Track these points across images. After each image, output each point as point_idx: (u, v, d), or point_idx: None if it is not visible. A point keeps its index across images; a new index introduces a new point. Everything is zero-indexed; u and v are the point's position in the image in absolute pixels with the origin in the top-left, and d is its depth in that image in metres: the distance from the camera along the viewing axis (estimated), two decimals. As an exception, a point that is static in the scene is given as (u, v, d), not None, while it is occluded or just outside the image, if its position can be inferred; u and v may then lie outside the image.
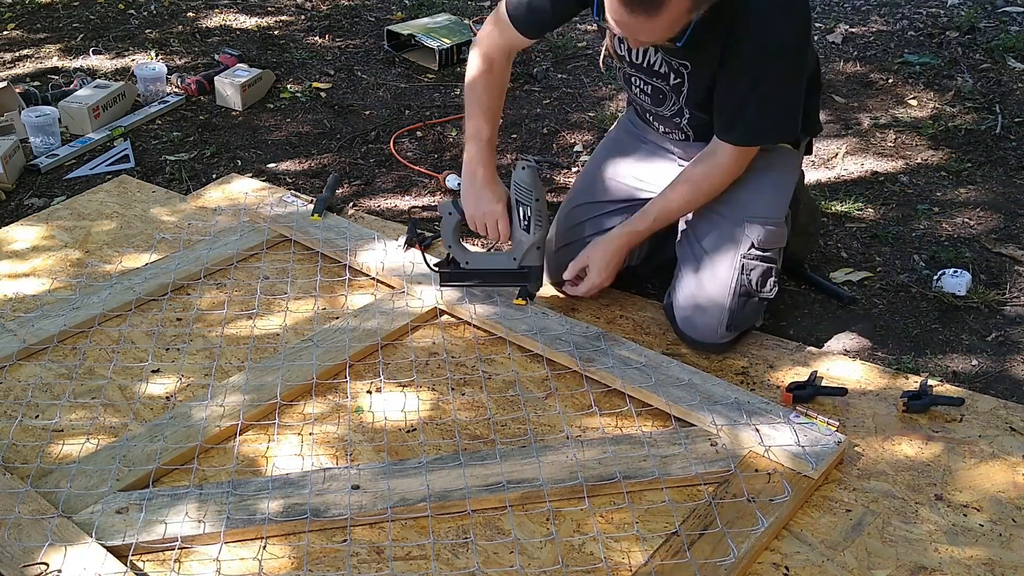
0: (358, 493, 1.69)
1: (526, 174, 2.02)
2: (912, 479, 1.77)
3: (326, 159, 3.05)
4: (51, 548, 1.56)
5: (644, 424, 1.89)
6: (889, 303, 2.31)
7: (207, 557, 1.60)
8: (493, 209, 2.09)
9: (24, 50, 3.95)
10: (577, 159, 3.02)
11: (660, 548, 1.60)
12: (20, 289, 2.35)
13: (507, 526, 1.66)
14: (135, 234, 2.58)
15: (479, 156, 2.10)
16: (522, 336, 2.09)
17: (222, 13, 4.31)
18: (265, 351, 2.11)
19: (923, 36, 3.83)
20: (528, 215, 2.04)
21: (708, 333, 2.05)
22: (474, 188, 2.10)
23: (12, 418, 1.92)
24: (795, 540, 1.64)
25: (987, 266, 2.43)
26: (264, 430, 1.88)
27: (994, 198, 2.75)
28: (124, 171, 2.97)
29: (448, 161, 3.03)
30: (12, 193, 2.87)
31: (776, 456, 1.75)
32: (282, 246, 2.51)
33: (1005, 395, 1.99)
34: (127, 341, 2.15)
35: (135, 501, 1.67)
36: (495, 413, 1.94)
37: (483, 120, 2.10)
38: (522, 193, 2.04)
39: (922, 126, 3.15)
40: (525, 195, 2.04)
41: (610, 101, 3.40)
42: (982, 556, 1.61)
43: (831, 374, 2.04)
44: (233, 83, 3.35)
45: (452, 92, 3.50)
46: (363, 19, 4.22)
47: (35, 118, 3.06)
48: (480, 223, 2.12)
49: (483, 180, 2.09)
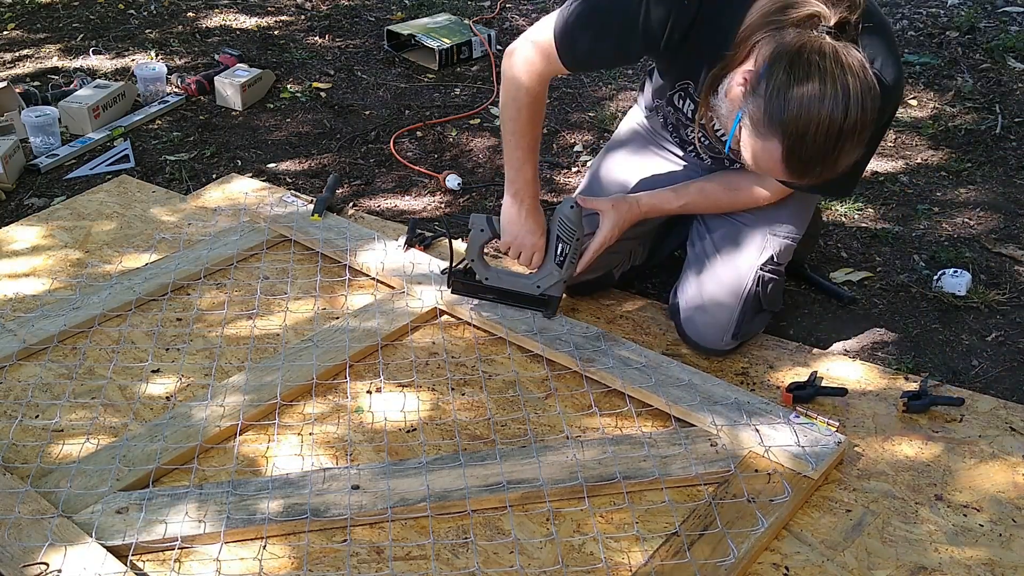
0: (358, 493, 1.69)
1: (573, 213, 2.03)
2: (912, 479, 1.77)
3: (326, 159, 3.05)
4: (51, 548, 1.56)
5: (644, 424, 1.89)
6: (889, 303, 2.31)
7: (207, 557, 1.60)
8: (534, 242, 2.07)
9: (24, 50, 3.95)
10: (577, 159, 3.02)
11: (660, 548, 1.60)
12: (20, 289, 2.35)
13: (507, 526, 1.67)
14: (135, 234, 2.58)
15: (527, 187, 2.04)
16: (522, 336, 2.09)
17: (222, 13, 4.31)
18: (265, 351, 2.11)
19: (923, 36, 3.83)
20: (565, 252, 2.06)
21: (713, 339, 2.05)
22: (519, 218, 2.06)
23: (12, 418, 1.92)
24: (795, 540, 1.64)
25: (987, 266, 2.43)
26: (264, 430, 1.88)
27: (994, 198, 2.75)
28: (124, 171, 2.97)
29: (448, 161, 3.03)
30: (12, 193, 2.87)
31: (776, 456, 1.76)
32: (282, 246, 2.51)
33: (1005, 395, 1.99)
34: (127, 341, 2.15)
35: (135, 501, 1.67)
36: (495, 413, 1.94)
37: (528, 150, 2.02)
38: (565, 230, 2.05)
39: (922, 126, 3.15)
40: (568, 233, 2.05)
41: (610, 101, 3.40)
42: (982, 556, 1.61)
43: (831, 374, 2.04)
44: (233, 83, 3.35)
45: (452, 92, 3.50)
46: (363, 19, 4.22)
47: (35, 118, 3.06)
48: (516, 250, 2.10)
49: (529, 211, 2.05)
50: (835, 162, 1.56)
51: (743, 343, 2.11)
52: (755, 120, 1.57)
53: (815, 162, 1.55)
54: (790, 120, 1.51)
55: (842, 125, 1.49)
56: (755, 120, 1.57)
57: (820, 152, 1.53)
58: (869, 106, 1.51)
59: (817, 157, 1.54)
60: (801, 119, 1.50)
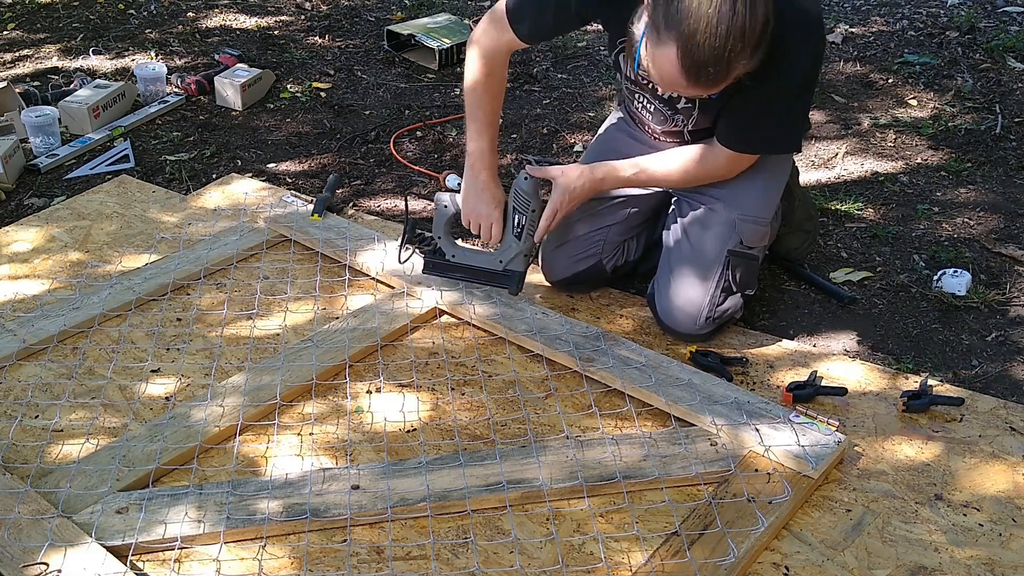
0: (358, 493, 1.69)
1: (528, 184, 2.03)
2: (912, 479, 1.77)
3: (326, 159, 3.05)
4: (51, 548, 1.56)
5: (644, 424, 1.89)
6: (889, 303, 2.31)
7: (207, 557, 1.60)
8: (490, 213, 2.10)
9: (24, 50, 3.95)
10: (577, 159, 3.02)
11: (660, 548, 1.59)
12: (20, 289, 2.35)
13: (507, 526, 1.66)
14: (135, 234, 2.58)
15: (482, 158, 2.11)
16: (522, 336, 2.09)
17: (222, 13, 4.31)
18: (265, 351, 2.11)
19: (923, 36, 3.83)
20: (522, 224, 2.06)
21: (687, 324, 2.08)
22: (475, 189, 2.11)
23: (12, 418, 1.92)
24: (795, 540, 1.64)
25: (987, 266, 2.43)
26: (264, 430, 1.88)
27: (994, 198, 2.75)
28: (124, 171, 2.97)
29: (448, 161, 3.03)
30: (12, 193, 2.87)
31: (776, 456, 1.75)
32: (282, 246, 2.51)
33: (1005, 395, 1.99)
34: (127, 341, 2.15)
35: (135, 501, 1.67)
36: (495, 413, 1.94)
37: (485, 122, 2.12)
38: (520, 201, 2.05)
39: (922, 126, 3.15)
40: (523, 204, 2.05)
41: (610, 101, 3.40)
42: (982, 556, 1.61)
43: (831, 374, 2.04)
44: (233, 83, 3.35)
45: (452, 92, 3.50)
46: (363, 19, 4.22)
47: (35, 118, 3.06)
48: (475, 223, 2.13)
49: (484, 182, 2.10)
50: (728, 64, 1.61)
51: (720, 328, 2.13)
52: (652, 31, 1.65)
53: (708, 63, 1.60)
54: (682, 21, 1.57)
55: (731, 23, 1.55)
56: (652, 31, 1.65)
57: (712, 53, 1.58)
58: (760, 5, 1.57)
59: (710, 58, 1.59)
60: (691, 19, 1.56)
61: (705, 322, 2.07)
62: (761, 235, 2.09)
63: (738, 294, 2.09)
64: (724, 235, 2.05)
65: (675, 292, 2.08)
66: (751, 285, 2.13)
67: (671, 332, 2.13)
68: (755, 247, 2.09)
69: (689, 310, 2.07)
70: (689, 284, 2.06)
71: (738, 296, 2.10)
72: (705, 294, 2.05)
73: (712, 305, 2.06)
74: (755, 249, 2.09)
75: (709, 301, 2.05)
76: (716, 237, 2.06)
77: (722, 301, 2.07)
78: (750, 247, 2.07)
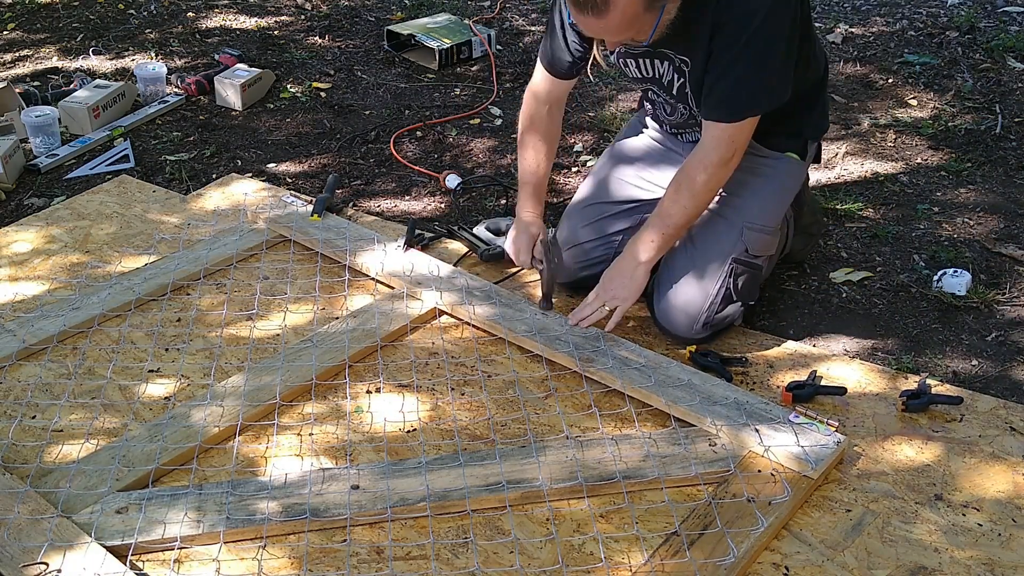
0: (358, 493, 1.69)
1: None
2: (912, 479, 1.77)
3: (326, 159, 3.05)
4: (51, 548, 1.56)
5: (644, 424, 1.89)
6: (889, 303, 2.31)
7: (207, 557, 1.60)
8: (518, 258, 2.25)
9: (24, 50, 3.95)
10: (577, 159, 3.02)
11: (660, 548, 1.59)
12: (20, 289, 2.35)
13: (507, 526, 1.66)
14: (135, 234, 2.58)
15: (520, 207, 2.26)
16: (522, 336, 2.09)
17: (222, 13, 4.31)
18: (265, 351, 2.11)
19: (923, 36, 3.83)
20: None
21: (683, 327, 2.08)
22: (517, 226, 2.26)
23: (12, 418, 1.92)
24: (795, 540, 1.64)
25: (987, 266, 2.43)
26: (264, 430, 1.88)
27: (994, 198, 2.75)
28: (124, 171, 2.97)
29: (448, 161, 3.02)
30: (12, 193, 2.87)
31: (776, 456, 1.75)
32: (282, 246, 2.51)
33: (1005, 395, 1.99)
34: (127, 341, 2.15)
35: (135, 501, 1.67)
36: (495, 413, 1.94)
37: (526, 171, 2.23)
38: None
39: (922, 126, 3.15)
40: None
41: (610, 101, 3.40)
42: (982, 556, 1.61)
43: (831, 374, 2.04)
44: (233, 83, 3.35)
45: (452, 92, 3.50)
46: (363, 19, 4.22)
47: (35, 118, 3.06)
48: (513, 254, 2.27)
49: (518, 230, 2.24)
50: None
51: (716, 332, 2.13)
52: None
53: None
54: None
55: None
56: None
57: None
58: None
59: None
60: None
61: (702, 327, 2.07)
62: (767, 244, 2.08)
63: (738, 303, 2.09)
64: (730, 242, 2.05)
65: (675, 293, 2.07)
66: (752, 295, 2.12)
67: (667, 332, 2.13)
68: (760, 256, 2.08)
69: (688, 312, 2.06)
70: (690, 287, 2.05)
71: (738, 305, 2.09)
72: (705, 299, 2.04)
73: (711, 311, 2.05)
74: (760, 259, 2.08)
75: (708, 306, 2.05)
76: (722, 244, 2.05)
77: (721, 308, 2.06)
78: (755, 256, 2.06)
